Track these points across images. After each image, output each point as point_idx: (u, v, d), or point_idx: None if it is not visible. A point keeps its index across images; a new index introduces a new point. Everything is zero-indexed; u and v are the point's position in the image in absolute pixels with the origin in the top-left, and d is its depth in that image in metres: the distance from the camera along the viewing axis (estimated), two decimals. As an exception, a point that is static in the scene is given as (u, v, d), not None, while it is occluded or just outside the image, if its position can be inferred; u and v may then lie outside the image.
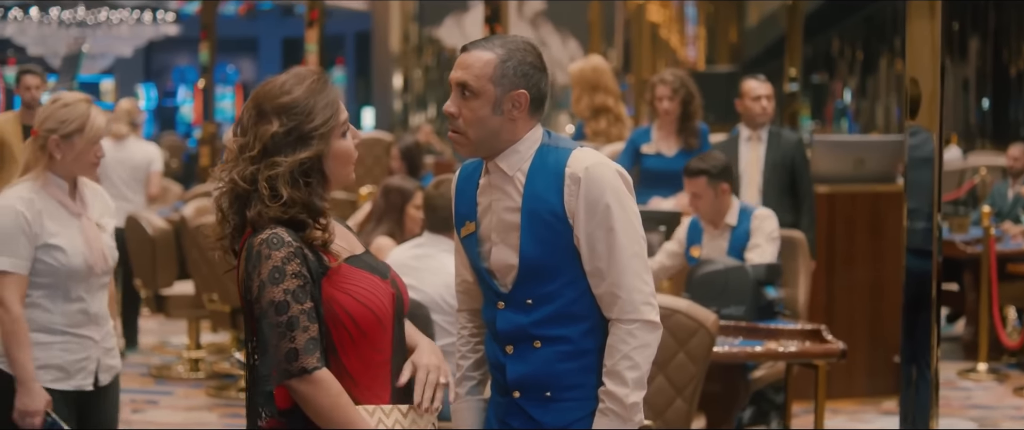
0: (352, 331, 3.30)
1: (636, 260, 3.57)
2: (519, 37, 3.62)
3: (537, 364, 3.62)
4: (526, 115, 3.58)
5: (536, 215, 3.57)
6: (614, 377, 3.58)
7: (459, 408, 3.84)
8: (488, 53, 3.54)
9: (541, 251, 3.57)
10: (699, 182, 6.63)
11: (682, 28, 20.96)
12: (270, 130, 3.27)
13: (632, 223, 3.57)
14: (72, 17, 28.05)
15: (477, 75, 3.53)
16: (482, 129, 3.57)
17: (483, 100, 3.54)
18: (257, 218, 3.26)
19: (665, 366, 5.54)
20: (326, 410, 3.24)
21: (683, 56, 20.59)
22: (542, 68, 3.60)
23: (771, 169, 8.02)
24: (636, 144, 8.18)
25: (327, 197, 3.37)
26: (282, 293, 3.21)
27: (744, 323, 6.15)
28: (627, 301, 3.56)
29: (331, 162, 3.34)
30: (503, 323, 3.65)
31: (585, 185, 3.53)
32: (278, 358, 3.22)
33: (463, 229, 3.73)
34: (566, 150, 3.61)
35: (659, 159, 8.07)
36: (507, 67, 3.53)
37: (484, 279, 3.69)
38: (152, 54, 32.81)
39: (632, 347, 3.57)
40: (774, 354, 6.04)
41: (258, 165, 3.27)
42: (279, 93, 3.32)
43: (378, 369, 3.37)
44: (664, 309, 5.44)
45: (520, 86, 3.55)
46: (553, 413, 3.64)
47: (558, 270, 3.59)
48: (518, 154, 3.61)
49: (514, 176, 3.61)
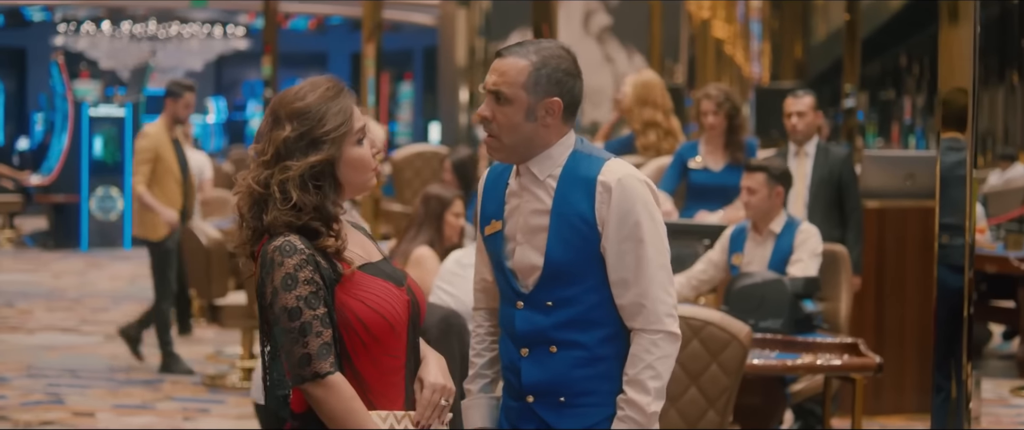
0: (364, 337, 3.35)
1: (662, 272, 3.62)
2: (554, 43, 3.67)
3: (552, 369, 3.67)
4: (560, 121, 3.64)
5: (565, 219, 3.63)
6: (636, 386, 3.62)
7: (470, 405, 3.88)
8: (523, 60, 3.60)
9: (566, 255, 3.62)
10: (758, 177, 6.69)
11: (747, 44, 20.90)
12: (282, 135, 3.35)
13: (660, 235, 3.63)
14: (143, 31, 28.37)
15: (511, 82, 3.59)
16: (515, 135, 3.63)
17: (516, 106, 3.60)
18: (273, 223, 3.33)
19: (698, 377, 5.57)
20: (339, 414, 3.30)
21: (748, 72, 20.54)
22: (576, 74, 3.64)
23: (818, 184, 8.02)
24: (683, 158, 8.21)
25: (341, 203, 3.43)
26: (295, 299, 3.28)
27: (780, 336, 6.16)
28: (652, 312, 3.61)
29: (344, 168, 3.40)
30: (522, 323, 3.69)
31: (617, 196, 3.58)
32: (292, 363, 3.29)
33: (488, 227, 3.78)
34: (599, 159, 3.66)
35: (706, 173, 8.09)
36: (541, 75, 3.58)
37: (506, 278, 3.73)
38: (222, 68, 33.07)
39: (655, 357, 3.62)
40: (810, 367, 6.05)
41: (272, 169, 3.35)
42: (293, 99, 3.40)
43: (392, 375, 3.43)
44: (697, 321, 5.52)
45: (553, 93, 3.60)
46: (567, 418, 3.68)
47: (581, 275, 3.64)
48: (551, 159, 3.67)
49: (545, 180, 3.66)
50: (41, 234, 20.10)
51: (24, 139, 31.10)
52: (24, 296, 14.33)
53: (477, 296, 3.93)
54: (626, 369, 3.64)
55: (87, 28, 28.30)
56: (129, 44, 28.36)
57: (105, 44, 28.42)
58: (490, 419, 3.86)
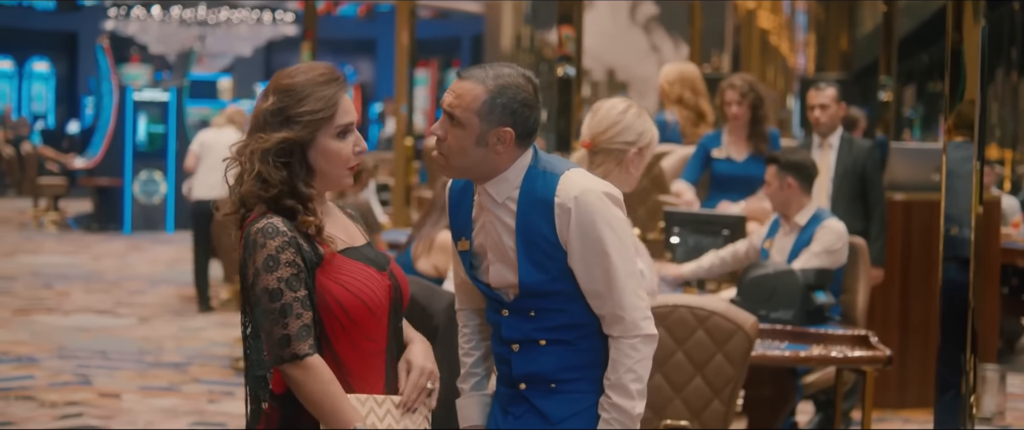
0: (343, 320, 3.38)
1: (631, 279, 3.63)
2: (517, 71, 3.62)
3: (542, 361, 3.70)
4: (511, 148, 3.61)
5: (531, 241, 3.62)
6: (619, 390, 3.65)
7: (464, 404, 3.91)
8: (479, 86, 3.56)
9: (539, 275, 3.63)
10: (769, 170, 6.72)
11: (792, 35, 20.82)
12: (264, 106, 3.42)
13: (624, 244, 3.63)
14: (193, 16, 28.52)
15: (465, 107, 3.56)
16: (464, 158, 3.60)
17: (468, 131, 3.57)
18: (245, 193, 3.38)
19: (703, 367, 5.57)
20: (316, 396, 3.33)
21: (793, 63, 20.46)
22: (533, 105, 3.60)
23: (841, 176, 8.00)
24: (706, 148, 8.20)
25: (315, 186, 3.45)
26: (276, 281, 3.32)
27: (790, 327, 6.16)
28: (628, 321, 3.64)
29: (318, 156, 3.43)
30: (508, 330, 3.72)
31: (576, 215, 3.57)
32: (271, 344, 3.33)
33: (459, 244, 3.79)
34: (554, 176, 3.63)
35: (728, 164, 8.08)
36: (496, 103, 3.55)
37: (484, 291, 3.76)
38: (272, 54, 33.19)
39: (635, 360, 3.65)
40: (819, 359, 6.04)
41: (250, 139, 3.42)
42: (284, 76, 3.47)
43: (372, 359, 3.46)
44: (702, 310, 5.53)
45: (507, 123, 3.57)
46: (557, 403, 3.70)
47: (557, 289, 3.65)
48: (506, 182, 3.65)
49: (504, 203, 3.66)
50: (85, 217, 20.27)
51: (74, 122, 31.33)
52: (63, 278, 14.46)
53: (459, 297, 3.94)
54: (607, 374, 3.66)
55: (137, 13, 28.46)
56: (179, 29, 28.51)
57: (155, 29, 28.58)
58: (483, 417, 3.89)
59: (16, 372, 9.51)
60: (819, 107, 8.04)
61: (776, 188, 6.71)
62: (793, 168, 6.71)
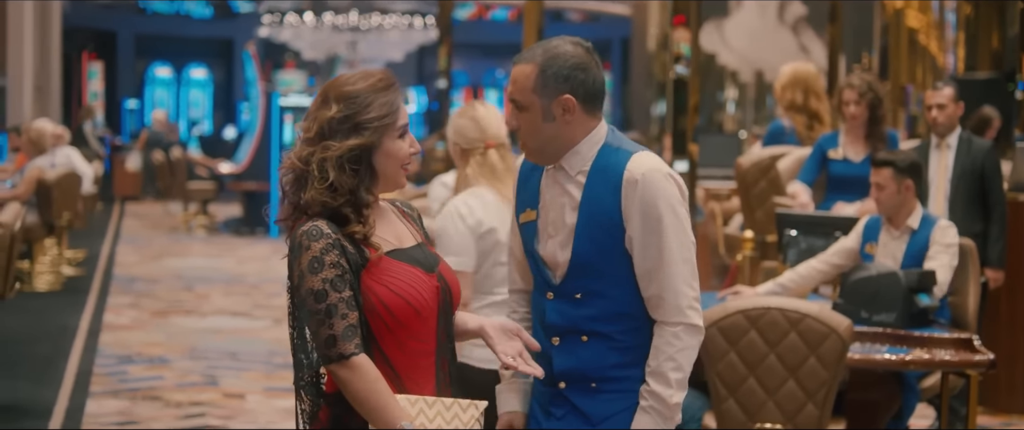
0: (388, 321, 3.41)
1: (685, 265, 3.64)
2: (564, 40, 3.67)
3: (583, 357, 3.71)
4: (581, 116, 3.66)
5: (593, 216, 3.65)
6: (658, 377, 3.65)
7: (504, 389, 3.93)
8: (528, 66, 3.63)
9: (593, 251, 3.66)
10: (884, 173, 6.55)
11: (941, 33, 20.49)
12: (328, 115, 3.44)
13: (683, 228, 3.64)
14: (345, 22, 28.80)
15: (522, 88, 3.64)
16: (539, 138, 3.67)
17: (533, 111, 3.65)
18: (310, 201, 3.42)
19: (796, 370, 5.52)
20: (362, 394, 3.35)
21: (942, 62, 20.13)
22: (587, 66, 3.64)
23: (959, 176, 7.85)
24: (823, 149, 8.11)
25: (375, 191, 3.49)
26: (321, 282, 3.35)
27: (890, 330, 6.06)
28: (673, 305, 3.64)
29: (382, 158, 3.47)
30: (552, 314, 3.74)
31: (641, 190, 3.60)
32: (318, 344, 3.37)
33: (523, 215, 3.83)
34: (627, 152, 3.67)
35: (845, 164, 7.98)
36: (547, 75, 3.61)
37: (537, 266, 3.78)
38: (424, 58, 33.44)
39: (677, 349, 3.65)
40: (920, 362, 5.94)
41: (314, 148, 3.44)
42: (344, 83, 3.49)
43: (420, 359, 3.48)
44: (794, 313, 5.48)
45: (564, 90, 3.62)
46: (597, 403, 3.71)
47: (608, 269, 3.66)
48: (579, 155, 3.70)
49: (575, 176, 3.69)
50: (234, 221, 20.60)
51: (231, 127, 31.87)
52: (205, 280, 14.72)
53: (513, 277, 3.98)
54: (648, 361, 3.67)
55: (291, 19, 28.80)
56: (331, 35, 28.81)
57: (308, 35, 28.88)
58: (523, 403, 3.90)
59: (147, 373, 9.70)
60: (936, 107, 7.91)
61: (894, 191, 6.58)
62: (912, 171, 6.59)
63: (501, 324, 3.60)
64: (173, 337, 11.15)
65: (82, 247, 16.68)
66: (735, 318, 5.56)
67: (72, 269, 15.00)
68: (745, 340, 5.54)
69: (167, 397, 8.87)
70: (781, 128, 9.69)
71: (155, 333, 11.36)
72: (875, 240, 6.71)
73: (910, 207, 6.62)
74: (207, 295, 13.65)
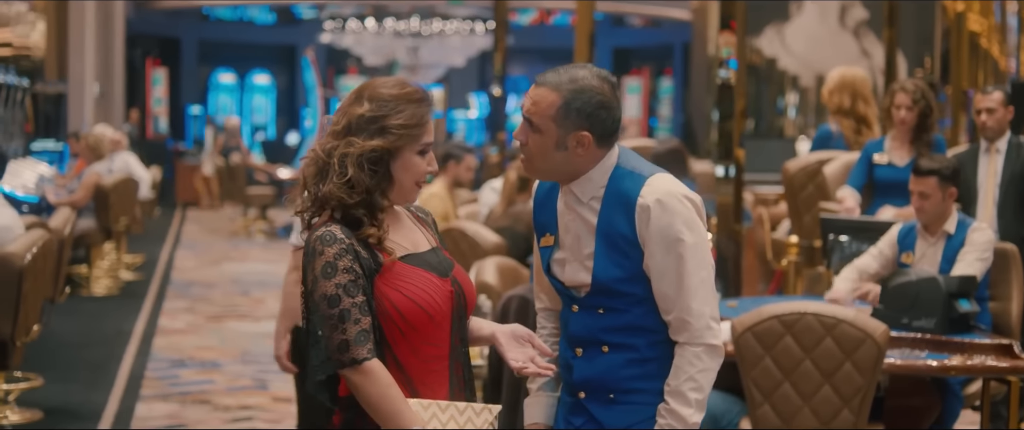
0: (401, 326, 3.43)
1: (703, 287, 3.66)
2: (591, 73, 3.65)
3: (603, 367, 3.73)
4: (592, 150, 3.67)
5: (610, 240, 3.67)
6: (678, 397, 3.67)
7: (531, 402, 3.94)
8: (553, 93, 3.62)
9: (613, 274, 3.68)
10: (929, 182, 6.49)
11: (1003, 37, 20.33)
12: (358, 111, 3.48)
13: (701, 250, 3.66)
14: (406, 28, 28.89)
15: (541, 114, 3.64)
16: (546, 161, 3.69)
17: (547, 136, 3.65)
18: (328, 194, 3.45)
19: (831, 376, 5.50)
20: (374, 399, 3.38)
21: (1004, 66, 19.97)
22: (610, 106, 3.64)
23: (1008, 181, 7.79)
24: (869, 154, 8.08)
25: (389, 197, 3.51)
26: (334, 287, 3.38)
27: (930, 336, 6.02)
28: (695, 327, 3.66)
29: (400, 167, 3.50)
30: (575, 326, 3.77)
31: (656, 215, 3.62)
32: (331, 349, 3.39)
33: (543, 240, 3.84)
34: (640, 177, 3.68)
35: (890, 169, 7.95)
36: (571, 109, 3.61)
37: (557, 288, 3.81)
38: (485, 64, 33.47)
39: (697, 370, 3.67)
40: (959, 368, 5.90)
41: (339, 141, 3.48)
42: (380, 86, 3.54)
43: (434, 364, 3.50)
44: (829, 318, 5.46)
45: (583, 127, 3.63)
46: (615, 414, 3.74)
47: (628, 290, 3.69)
48: (591, 182, 3.71)
49: (589, 202, 3.71)
50: (293, 226, 20.66)
51: (294, 133, 32.01)
52: (261, 285, 14.79)
53: (539, 296, 4.00)
54: (668, 380, 3.69)
55: (352, 25, 28.92)
56: (393, 40, 28.89)
57: (370, 41, 28.98)
58: (548, 416, 3.92)
59: (198, 377, 9.77)
60: (986, 111, 7.85)
61: (939, 199, 6.52)
62: (956, 178, 6.55)
63: (513, 330, 3.62)
64: (226, 341, 11.22)
65: (141, 252, 16.81)
66: (770, 323, 5.55)
67: (130, 274, 15.13)
68: (780, 345, 5.52)
69: (216, 401, 8.94)
70: (829, 133, 9.66)
71: (208, 337, 11.44)
72: (912, 250, 6.66)
73: (950, 213, 6.58)
74: (263, 300, 13.72)
